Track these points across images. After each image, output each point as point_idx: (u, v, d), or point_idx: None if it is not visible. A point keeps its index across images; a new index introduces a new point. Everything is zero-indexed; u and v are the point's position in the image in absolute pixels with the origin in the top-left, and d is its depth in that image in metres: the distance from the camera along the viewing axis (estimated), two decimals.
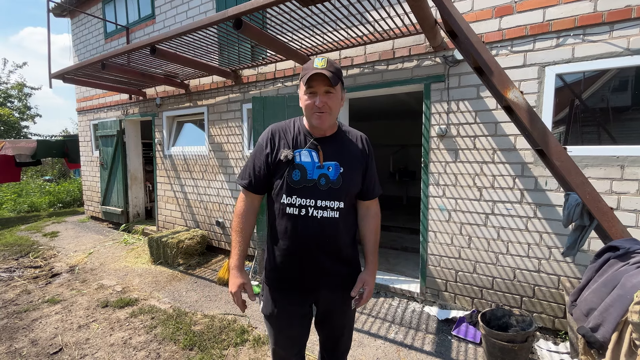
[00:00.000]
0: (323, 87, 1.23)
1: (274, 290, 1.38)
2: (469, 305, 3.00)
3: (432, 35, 2.75)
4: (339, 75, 1.27)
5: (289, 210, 1.28)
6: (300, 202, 1.27)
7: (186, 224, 5.26)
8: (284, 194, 1.29)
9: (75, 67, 4.21)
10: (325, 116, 1.26)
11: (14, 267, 4.32)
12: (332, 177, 1.28)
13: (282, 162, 1.29)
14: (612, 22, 2.36)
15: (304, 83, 1.23)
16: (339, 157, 1.31)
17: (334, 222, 1.29)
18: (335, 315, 1.45)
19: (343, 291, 1.39)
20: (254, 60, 3.98)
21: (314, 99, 1.24)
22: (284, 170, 1.29)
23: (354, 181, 1.33)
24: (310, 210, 1.27)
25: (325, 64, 1.22)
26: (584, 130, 2.65)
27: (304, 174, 1.28)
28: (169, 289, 3.64)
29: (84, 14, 6.58)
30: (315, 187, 1.27)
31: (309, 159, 1.29)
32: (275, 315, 1.37)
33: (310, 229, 1.27)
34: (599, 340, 1.26)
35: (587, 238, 1.90)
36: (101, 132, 6.43)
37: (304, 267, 1.32)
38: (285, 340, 1.42)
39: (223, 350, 2.49)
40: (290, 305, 1.37)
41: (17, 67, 15.96)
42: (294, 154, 1.29)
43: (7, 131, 14.43)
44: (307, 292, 1.37)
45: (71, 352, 2.49)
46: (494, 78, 1.99)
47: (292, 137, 1.33)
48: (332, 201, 1.28)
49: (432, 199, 3.12)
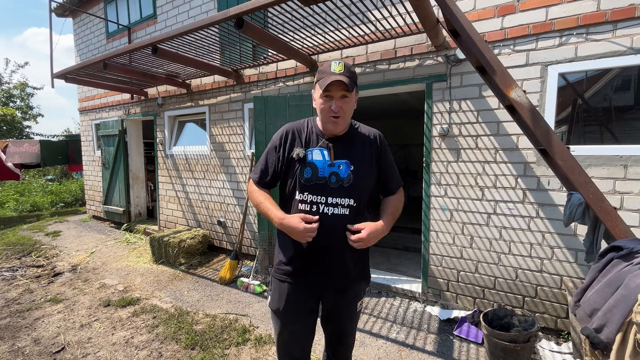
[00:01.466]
0: (340, 92, 1.28)
1: (282, 283, 1.40)
2: (470, 305, 2.99)
3: (434, 35, 2.74)
4: (355, 80, 1.32)
5: (300, 206, 1.33)
6: (311, 198, 1.32)
7: (188, 224, 5.27)
8: (297, 191, 1.34)
9: (77, 67, 4.22)
10: (340, 120, 1.32)
11: (17, 266, 4.34)
12: (343, 174, 1.33)
13: (294, 159, 1.34)
14: (616, 21, 2.34)
15: (321, 87, 1.26)
16: (350, 155, 1.36)
17: (344, 219, 1.32)
18: (341, 316, 1.47)
19: (350, 294, 1.42)
20: (255, 59, 3.98)
21: (330, 102, 1.29)
22: (296, 167, 1.34)
23: (365, 179, 1.37)
24: (322, 207, 1.31)
25: (343, 68, 1.27)
26: (586, 130, 2.63)
27: (315, 172, 1.32)
28: (170, 289, 3.64)
29: (86, 14, 6.59)
30: (326, 185, 1.32)
31: (320, 157, 1.34)
32: (282, 310, 1.39)
33: (320, 225, 1.30)
34: (603, 341, 1.25)
35: (602, 239, 1.88)
36: (103, 131, 6.44)
37: (313, 261, 1.35)
38: (289, 336, 1.43)
39: (225, 349, 2.49)
40: (298, 300, 1.39)
41: (19, 67, 16.04)
42: (306, 153, 1.34)
43: (9, 131, 14.48)
44: (315, 287, 1.39)
45: (73, 351, 2.49)
46: (496, 77, 1.98)
47: (305, 136, 1.39)
48: (342, 198, 1.32)
49: (433, 198, 3.11)
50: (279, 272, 1.41)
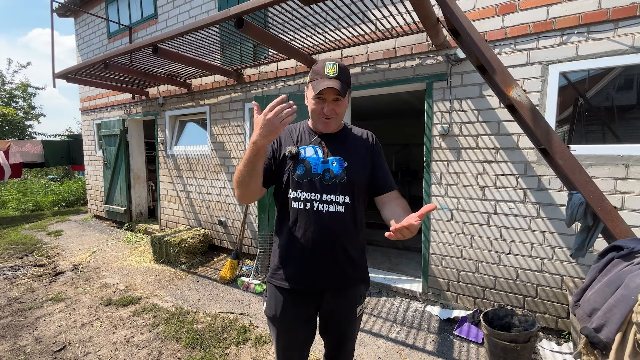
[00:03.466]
0: (332, 96, 1.26)
1: (278, 289, 1.36)
2: (471, 305, 2.99)
3: (434, 34, 2.74)
4: (349, 82, 1.31)
5: (294, 204, 1.30)
6: (305, 195, 1.29)
7: (189, 223, 5.28)
8: (290, 189, 1.31)
9: (79, 66, 4.23)
10: (331, 121, 1.31)
11: (19, 266, 4.36)
12: (337, 171, 1.30)
13: (287, 157, 1.32)
14: (617, 20, 2.33)
15: (314, 91, 1.24)
16: (343, 152, 1.34)
17: (339, 217, 1.29)
18: (340, 322, 1.41)
19: (348, 298, 1.37)
20: (255, 59, 3.98)
21: (322, 105, 1.28)
22: (289, 165, 1.31)
23: (359, 176, 1.33)
24: (316, 204, 1.28)
25: (337, 70, 1.24)
26: (588, 130, 2.62)
27: (309, 169, 1.30)
28: (171, 288, 3.65)
29: (88, 14, 6.61)
30: (320, 181, 1.29)
31: (313, 154, 1.32)
32: (279, 317, 1.35)
33: (315, 223, 1.28)
34: (603, 341, 1.25)
35: (596, 239, 1.88)
36: (104, 131, 6.46)
37: (308, 262, 1.30)
38: (288, 344, 1.39)
39: (225, 348, 2.49)
40: (294, 307, 1.34)
41: (22, 67, 16.08)
42: (299, 149, 1.33)
43: (11, 131, 14.54)
44: (312, 292, 1.35)
45: (74, 350, 2.50)
46: (496, 76, 1.98)
47: (297, 135, 1.37)
48: (337, 195, 1.29)
49: (434, 198, 3.11)
50: (275, 277, 1.36)
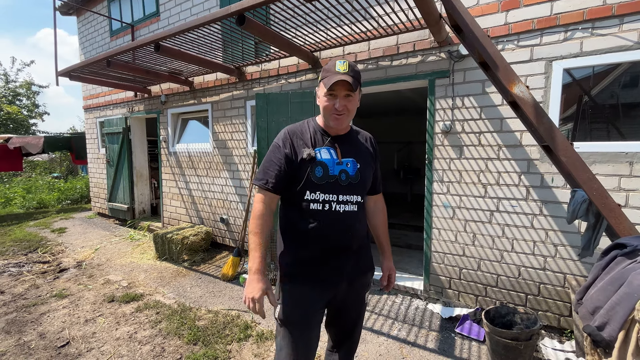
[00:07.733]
0: (344, 91, 1.30)
1: (299, 291, 1.36)
2: (473, 302, 2.98)
3: (436, 30, 2.72)
4: (359, 79, 1.34)
5: (313, 206, 1.33)
6: (323, 197, 1.32)
7: (191, 221, 5.30)
8: (308, 191, 1.33)
9: (81, 64, 4.25)
10: (343, 118, 1.34)
11: (23, 262, 4.40)
12: (351, 172, 1.36)
13: (305, 160, 1.33)
14: (622, 15, 2.30)
15: (326, 86, 1.28)
16: (355, 154, 1.40)
17: (354, 216, 1.36)
18: (350, 307, 1.50)
19: (357, 284, 1.46)
20: (257, 57, 3.97)
21: (334, 101, 1.31)
22: (306, 168, 1.33)
23: (369, 177, 1.43)
24: (334, 205, 1.33)
25: (347, 68, 1.28)
26: (592, 127, 2.60)
27: (326, 171, 1.34)
28: (173, 285, 3.67)
29: (90, 12, 6.62)
30: (337, 183, 1.34)
31: (328, 156, 1.36)
32: (302, 320, 1.36)
33: (334, 223, 1.32)
34: (605, 339, 1.24)
35: (601, 237, 1.87)
36: (107, 129, 6.49)
37: (331, 261, 1.36)
38: (304, 347, 1.38)
39: (227, 345, 2.51)
40: (314, 306, 1.37)
41: (25, 66, 16.16)
42: (315, 152, 1.35)
43: (15, 129, 14.65)
44: (327, 287, 1.37)
45: (78, 346, 2.53)
46: (499, 73, 1.96)
47: (309, 137, 1.39)
48: (352, 195, 1.35)
49: (436, 195, 3.10)
50: (289, 274, 1.36)
